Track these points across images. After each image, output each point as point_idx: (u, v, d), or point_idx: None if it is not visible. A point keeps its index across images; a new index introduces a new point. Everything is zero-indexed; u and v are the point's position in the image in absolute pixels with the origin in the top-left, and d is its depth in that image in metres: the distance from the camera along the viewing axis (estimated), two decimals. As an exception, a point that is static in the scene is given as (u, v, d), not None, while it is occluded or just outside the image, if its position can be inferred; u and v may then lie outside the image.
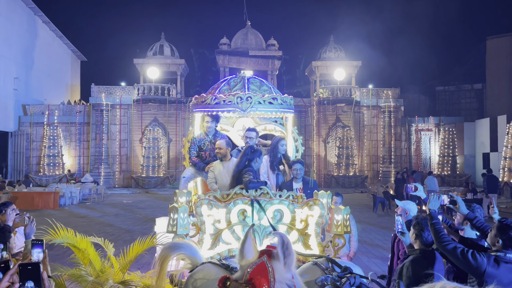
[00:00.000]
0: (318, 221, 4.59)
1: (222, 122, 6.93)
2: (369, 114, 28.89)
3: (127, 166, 27.79)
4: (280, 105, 5.77)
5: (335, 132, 28.37)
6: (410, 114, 30.10)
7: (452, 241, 3.39)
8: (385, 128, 28.59)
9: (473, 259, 3.21)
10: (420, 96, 34.72)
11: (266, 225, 4.54)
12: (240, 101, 5.55)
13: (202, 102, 5.85)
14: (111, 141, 27.57)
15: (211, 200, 4.57)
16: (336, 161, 28.02)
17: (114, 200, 21.37)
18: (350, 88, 28.61)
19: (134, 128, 27.74)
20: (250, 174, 5.04)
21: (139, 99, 27.29)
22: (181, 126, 27.85)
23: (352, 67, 29.54)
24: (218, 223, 4.55)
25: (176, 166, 27.63)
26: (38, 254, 2.44)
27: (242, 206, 4.55)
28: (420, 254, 3.57)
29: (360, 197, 23.14)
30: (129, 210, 17.75)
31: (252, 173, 5.03)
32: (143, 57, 29.27)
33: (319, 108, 28.52)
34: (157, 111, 27.89)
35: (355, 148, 28.30)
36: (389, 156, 28.40)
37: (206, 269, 3.59)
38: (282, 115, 6.48)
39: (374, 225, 14.03)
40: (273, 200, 4.59)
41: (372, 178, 28.36)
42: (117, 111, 27.72)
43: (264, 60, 29.77)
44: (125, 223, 14.27)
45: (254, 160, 5.19)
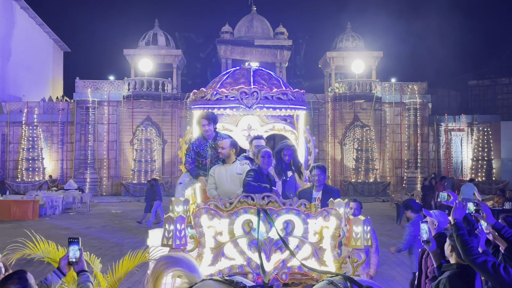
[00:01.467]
0: (334, 234, 4.57)
1: (224, 120, 6.94)
2: (392, 112, 28.80)
3: (116, 171, 27.87)
4: (291, 101, 5.77)
5: (352, 133, 28.30)
6: (439, 112, 29.99)
7: (482, 254, 3.39)
8: (410, 128, 28.48)
9: (505, 274, 3.20)
10: (450, 92, 34.60)
11: (275, 237, 4.52)
12: (244, 96, 5.55)
13: (201, 98, 5.85)
14: (98, 142, 27.67)
15: (212, 209, 4.56)
16: (354, 165, 27.93)
17: (101, 209, 21.42)
18: (370, 82, 28.54)
19: (124, 128, 27.83)
20: (250, 175, 5.05)
21: (130, 95, 27.40)
22: (177, 126, 27.90)
23: (372, 58, 29.48)
24: (220, 235, 4.55)
25: (172, 171, 27.67)
26: (74, 252, 2.74)
27: (247, 217, 4.54)
28: (457, 269, 3.54)
29: (381, 206, 23.03)
30: (118, 221, 17.76)
31: (255, 175, 5.05)
32: (134, 48, 29.38)
33: (334, 105, 28.48)
34: (150, 109, 27.96)
35: (375, 150, 28.21)
36: (415, 160, 28.29)
37: (206, 285, 3.57)
38: (293, 113, 6.48)
39: (398, 239, 13.91)
40: (282, 210, 4.57)
41: (396, 185, 28.24)
42: (104, 109, 27.83)
43: (271, 51, 29.77)
44: (113, 236, 14.28)
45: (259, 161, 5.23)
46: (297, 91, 5.98)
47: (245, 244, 4.55)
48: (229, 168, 5.75)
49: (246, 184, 5.07)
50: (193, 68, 36.54)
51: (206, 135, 6.17)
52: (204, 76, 34.91)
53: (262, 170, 5.32)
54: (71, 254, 2.85)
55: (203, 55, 37.80)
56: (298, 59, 36.56)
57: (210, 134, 6.18)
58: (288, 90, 5.85)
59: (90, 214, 19.61)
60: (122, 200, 25.43)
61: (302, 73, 37.93)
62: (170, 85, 28.41)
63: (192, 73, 36.64)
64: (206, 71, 36.22)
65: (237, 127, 7.07)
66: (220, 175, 5.66)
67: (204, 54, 37.75)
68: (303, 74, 38.05)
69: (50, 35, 34.19)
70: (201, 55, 37.66)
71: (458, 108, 32.66)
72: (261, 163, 5.37)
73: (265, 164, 5.37)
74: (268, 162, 5.37)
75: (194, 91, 6.08)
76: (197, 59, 37.22)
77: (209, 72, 35.61)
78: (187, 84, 33.01)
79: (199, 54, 37.80)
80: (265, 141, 6.30)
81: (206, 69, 36.57)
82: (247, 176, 5.22)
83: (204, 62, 37.11)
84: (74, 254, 2.85)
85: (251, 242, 4.52)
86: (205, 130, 6.11)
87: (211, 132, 6.18)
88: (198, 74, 36.72)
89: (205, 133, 6.14)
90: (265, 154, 5.35)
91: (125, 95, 27.61)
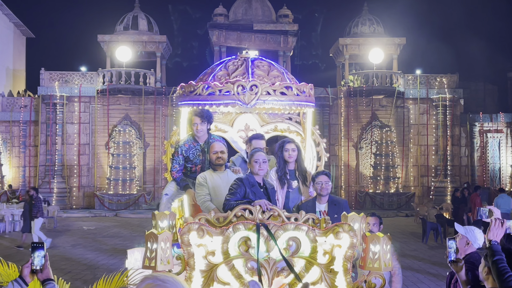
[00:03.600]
0: (347, 254, 4.58)
1: (217, 119, 6.95)
2: (417, 109, 28.85)
3: (89, 180, 27.86)
4: (296, 97, 5.79)
5: (370, 134, 28.34)
6: (473, 110, 30.02)
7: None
8: (438, 129, 28.53)
9: None
10: (486, 86, 34.60)
11: (277, 258, 4.53)
12: (242, 90, 5.57)
13: (190, 93, 5.87)
14: (67, 146, 27.68)
15: (203, 224, 4.58)
16: (372, 173, 27.94)
17: (71, 225, 21.41)
18: (390, 74, 28.60)
19: (98, 128, 27.86)
20: (232, 190, 5.08)
21: (105, 89, 27.44)
22: (161, 126, 27.92)
23: (394, 46, 29.56)
24: (212, 256, 4.56)
25: (155, 179, 27.68)
26: (39, 259, 2.83)
27: (245, 233, 4.56)
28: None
29: (404, 222, 23.02)
30: (91, 239, 17.77)
31: (239, 189, 5.07)
32: (111, 33, 29.43)
33: (348, 101, 28.52)
34: (129, 106, 27.99)
35: (397, 155, 28.24)
36: (444, 167, 28.32)
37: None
38: (299, 110, 6.50)
39: (424, 260, 13.94)
40: (286, 225, 4.58)
41: (421, 196, 28.26)
42: (75, 106, 27.85)
43: (273, 37, 29.83)
44: (85, 257, 14.27)
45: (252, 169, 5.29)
46: (303, 84, 6.00)
47: (242, 266, 4.55)
48: (224, 176, 5.76)
49: (224, 205, 5.09)
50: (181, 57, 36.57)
51: (197, 136, 6.17)
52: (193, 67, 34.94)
53: (252, 178, 5.33)
54: (36, 261, 2.96)
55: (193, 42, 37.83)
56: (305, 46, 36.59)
57: (202, 136, 6.18)
58: (293, 83, 5.87)
59: (57, 231, 19.59)
60: (95, 214, 25.41)
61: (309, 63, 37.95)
62: (153, 77, 28.44)
63: (180, 63, 36.67)
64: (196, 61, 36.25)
65: (232, 128, 7.09)
66: (215, 184, 5.66)
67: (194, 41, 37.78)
68: (311, 65, 38.08)
69: (10, 17, 34.17)
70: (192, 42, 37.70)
71: (496, 105, 32.66)
72: (254, 169, 5.38)
73: (258, 171, 5.38)
74: (262, 169, 5.39)
75: (182, 85, 6.10)
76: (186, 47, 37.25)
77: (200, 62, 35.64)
78: (173, 77, 33.02)
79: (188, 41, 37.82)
80: (265, 142, 6.30)
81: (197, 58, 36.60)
82: (229, 190, 5.23)
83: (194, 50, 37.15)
84: (39, 262, 2.96)
85: (249, 264, 4.53)
86: (196, 130, 6.11)
87: (204, 133, 6.18)
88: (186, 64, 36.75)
89: (197, 133, 6.14)
90: (259, 158, 5.34)
91: (100, 89, 27.64)
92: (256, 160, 5.35)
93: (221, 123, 7.07)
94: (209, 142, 6.17)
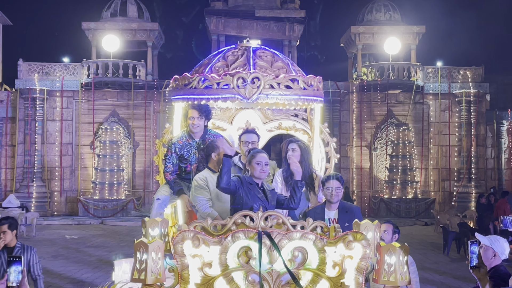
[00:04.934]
0: (360, 266, 4.57)
1: (215, 116, 6.96)
2: (438, 106, 28.82)
3: (72, 183, 27.87)
4: (303, 90, 5.79)
5: (385, 133, 28.32)
6: (500, 106, 29.96)
7: None
8: (461, 128, 28.50)
9: None
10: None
11: (282, 270, 4.53)
12: (242, 84, 5.58)
13: (184, 86, 5.88)
14: (47, 145, 27.70)
15: (198, 233, 4.57)
16: (388, 176, 27.91)
17: (52, 234, 21.42)
18: (408, 66, 28.58)
19: (82, 126, 27.87)
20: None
21: (90, 82, 27.44)
22: (153, 123, 27.92)
23: (412, 35, 29.52)
24: (209, 267, 4.55)
25: (145, 183, 27.67)
26: (16, 275, 2.83)
27: (245, 242, 4.55)
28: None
29: (423, 231, 22.99)
30: (74, 249, 17.76)
31: (233, 182, 5.15)
32: (97, 20, 29.42)
33: (361, 96, 28.50)
34: (117, 101, 28.00)
35: (415, 157, 28.22)
36: (468, 170, 28.28)
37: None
38: (306, 106, 6.50)
39: (445, 274, 13.92)
40: (291, 234, 4.58)
41: (442, 203, 28.23)
42: (57, 101, 27.87)
43: (278, 25, 29.81)
44: (68, 269, 14.26)
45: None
46: (311, 77, 5.99)
47: (242, 279, 4.54)
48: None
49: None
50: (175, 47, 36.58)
51: (193, 131, 6.18)
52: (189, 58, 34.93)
53: (250, 179, 5.32)
54: (12, 277, 2.96)
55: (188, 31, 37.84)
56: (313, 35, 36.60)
57: (199, 132, 6.20)
58: (299, 75, 5.87)
59: (37, 240, 19.60)
60: (79, 221, 25.42)
61: (318, 54, 37.95)
62: (144, 69, 28.45)
63: (174, 54, 36.67)
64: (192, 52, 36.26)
65: (231, 125, 7.10)
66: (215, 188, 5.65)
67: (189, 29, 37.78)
68: (320, 56, 38.07)
69: (-15, 3, 34.23)
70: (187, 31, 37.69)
71: (526, 101, 32.62)
72: (255, 172, 5.39)
73: (260, 174, 5.38)
74: (264, 171, 5.39)
75: (175, 77, 6.10)
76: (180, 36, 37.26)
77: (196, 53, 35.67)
78: (166, 69, 33.04)
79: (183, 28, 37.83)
80: (259, 137, 6.30)
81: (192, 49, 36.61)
82: None
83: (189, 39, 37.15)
84: (16, 277, 2.96)
85: (250, 277, 4.53)
86: (192, 124, 6.13)
87: (200, 129, 6.20)
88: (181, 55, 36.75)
89: (192, 128, 6.16)
90: (261, 160, 5.36)
91: (84, 82, 27.65)
92: (258, 162, 5.37)
93: (219, 120, 7.07)
94: (206, 138, 6.18)
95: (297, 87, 5.72)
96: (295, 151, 6.11)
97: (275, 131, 7.17)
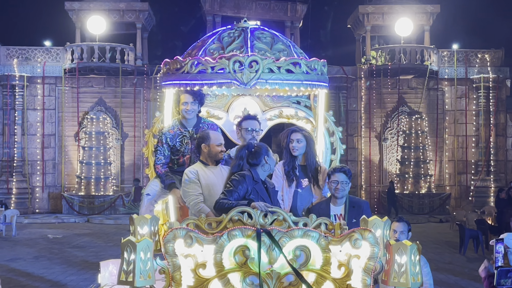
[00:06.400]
0: (368, 266, 4.57)
1: (209, 103, 6.95)
2: (453, 92, 28.80)
3: (55, 178, 27.88)
4: (306, 75, 5.77)
5: (396, 123, 28.32)
6: (522, 93, 29.98)
7: None
8: (479, 116, 28.49)
9: None
10: (538, 63, 34.56)
11: (282, 271, 4.52)
12: (239, 68, 5.56)
13: (176, 70, 5.87)
14: (28, 137, 27.68)
15: (191, 231, 4.56)
16: (399, 169, 27.93)
17: (34, 233, 21.44)
18: (421, 49, 28.54)
19: (66, 116, 27.84)
20: (229, 187, 5.07)
21: (74, 68, 27.39)
22: (142, 113, 27.90)
23: (425, 16, 29.46)
24: (203, 268, 4.55)
25: (134, 177, 27.67)
26: None
27: (242, 241, 4.54)
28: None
29: (438, 229, 23.03)
30: (57, 250, 17.75)
31: (238, 188, 5.07)
32: (81, 0, 29.32)
33: (370, 82, 28.45)
34: (103, 88, 27.97)
35: (429, 148, 28.22)
36: (487, 162, 28.29)
37: None
38: (309, 92, 6.48)
39: (462, 275, 13.93)
40: (293, 231, 4.57)
41: (459, 198, 28.26)
42: (38, 88, 27.83)
43: (279, 4, 29.76)
44: (50, 271, 14.23)
45: (261, 164, 5.27)
46: (315, 60, 5.97)
47: (239, 281, 4.54)
48: (217, 172, 5.75)
49: (216, 203, 5.09)
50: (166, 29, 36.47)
51: (186, 117, 6.17)
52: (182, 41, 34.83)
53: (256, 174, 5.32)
54: None
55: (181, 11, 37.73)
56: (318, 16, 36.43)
57: (192, 118, 6.20)
58: (302, 58, 5.84)
59: (17, 240, 19.62)
60: (63, 220, 25.46)
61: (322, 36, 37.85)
62: (133, 53, 28.42)
63: (165, 36, 36.57)
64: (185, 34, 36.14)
65: (227, 113, 7.08)
66: (209, 181, 5.65)
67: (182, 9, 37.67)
68: (325, 38, 37.98)
69: (-42, -19, 34.13)
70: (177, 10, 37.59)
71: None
72: None
73: None
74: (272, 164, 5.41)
75: (166, 61, 6.09)
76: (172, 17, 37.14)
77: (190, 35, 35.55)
78: (157, 53, 32.98)
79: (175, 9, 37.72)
80: (259, 124, 6.29)
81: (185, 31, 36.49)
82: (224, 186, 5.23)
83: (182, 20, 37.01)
84: None
85: (248, 279, 4.53)
86: (186, 110, 6.12)
87: (193, 116, 6.19)
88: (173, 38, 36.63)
89: (186, 115, 6.15)
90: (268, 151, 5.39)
91: (68, 68, 27.61)
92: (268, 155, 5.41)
93: (214, 107, 7.05)
94: (199, 127, 6.17)
95: (300, 71, 5.70)
96: (300, 142, 6.08)
97: (276, 119, 7.15)
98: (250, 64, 5.55)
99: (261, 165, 5.31)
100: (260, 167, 5.31)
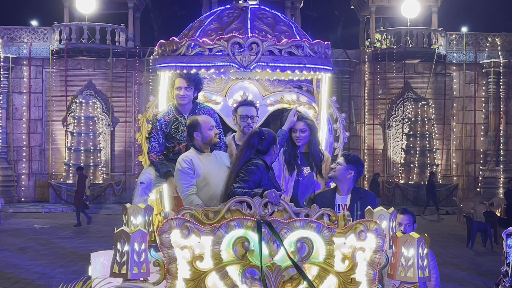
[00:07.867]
0: (373, 259, 4.58)
1: (206, 87, 6.94)
2: (462, 78, 28.80)
3: (42, 165, 27.89)
4: (309, 58, 5.77)
5: (401, 109, 28.33)
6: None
7: None
8: (489, 103, 28.51)
9: None
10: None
11: (283, 264, 4.54)
12: (238, 50, 5.56)
13: (172, 52, 5.86)
14: (13, 122, 27.67)
15: (188, 221, 4.57)
16: (404, 159, 27.98)
17: (19, 223, 21.47)
18: (429, 32, 28.52)
19: (53, 99, 27.81)
20: (244, 177, 5.08)
21: (62, 49, 27.33)
22: (134, 97, 27.88)
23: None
24: (200, 261, 4.55)
25: (126, 165, 27.70)
26: None
27: (241, 232, 4.54)
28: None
29: (445, 221, 23.12)
30: (44, 240, 17.78)
31: (252, 177, 5.07)
32: (70, -23, 29.26)
33: (374, 66, 28.46)
34: (93, 71, 27.93)
35: (436, 137, 28.25)
36: (496, 152, 28.34)
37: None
38: (312, 76, 6.48)
39: (469, 270, 13.99)
40: (294, 223, 4.58)
41: (466, 189, 28.33)
42: (23, 71, 27.79)
43: (279, -17, 29.67)
44: (37, 263, 14.23)
45: (269, 153, 5.31)
46: (318, 42, 5.96)
47: (237, 274, 4.55)
48: (212, 159, 5.75)
49: (231, 194, 5.08)
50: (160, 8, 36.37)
51: (181, 103, 6.16)
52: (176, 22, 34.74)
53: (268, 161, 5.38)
54: None
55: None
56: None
57: (187, 104, 6.18)
58: (304, 41, 5.84)
59: (1, 230, 19.66)
60: (50, 209, 25.50)
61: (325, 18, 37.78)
62: (124, 34, 28.37)
63: (158, 16, 36.48)
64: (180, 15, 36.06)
65: (226, 98, 7.07)
66: (205, 170, 5.64)
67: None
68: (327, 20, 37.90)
69: None
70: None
71: None
72: None
73: None
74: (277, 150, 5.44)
75: (161, 42, 6.08)
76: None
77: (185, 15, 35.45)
78: (150, 34, 32.91)
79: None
80: (257, 110, 6.29)
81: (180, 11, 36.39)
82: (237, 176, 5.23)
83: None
84: None
85: (247, 272, 4.54)
86: (180, 96, 6.10)
87: (189, 102, 6.17)
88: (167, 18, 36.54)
89: (180, 100, 6.13)
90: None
91: (55, 49, 27.56)
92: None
93: (212, 92, 7.04)
94: (195, 111, 6.15)
95: (302, 54, 5.71)
96: (304, 132, 6.09)
97: (276, 105, 7.14)
98: (250, 46, 5.56)
99: (269, 154, 5.33)
100: (268, 156, 5.34)
